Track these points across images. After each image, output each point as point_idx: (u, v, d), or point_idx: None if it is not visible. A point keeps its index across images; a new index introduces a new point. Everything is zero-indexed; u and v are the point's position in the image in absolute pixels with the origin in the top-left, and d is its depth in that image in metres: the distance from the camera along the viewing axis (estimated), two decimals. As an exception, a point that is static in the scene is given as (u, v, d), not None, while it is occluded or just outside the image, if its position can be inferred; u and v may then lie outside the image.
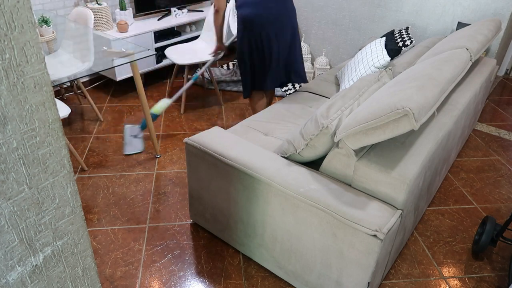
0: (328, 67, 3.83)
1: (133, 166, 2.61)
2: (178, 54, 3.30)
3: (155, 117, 2.73)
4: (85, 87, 3.61)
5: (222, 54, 2.83)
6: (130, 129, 2.73)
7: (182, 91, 2.83)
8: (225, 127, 3.11)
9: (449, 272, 1.94)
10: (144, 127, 2.73)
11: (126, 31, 3.35)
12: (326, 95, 2.69)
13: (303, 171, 1.64)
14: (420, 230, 2.18)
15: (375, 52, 2.56)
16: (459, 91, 2.22)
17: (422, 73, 1.65)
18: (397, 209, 1.50)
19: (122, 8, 3.44)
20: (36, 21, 2.56)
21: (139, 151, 2.82)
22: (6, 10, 0.66)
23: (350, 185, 1.60)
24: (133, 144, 2.81)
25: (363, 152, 1.58)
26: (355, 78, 2.56)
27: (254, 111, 2.79)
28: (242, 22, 2.46)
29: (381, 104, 1.41)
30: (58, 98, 2.85)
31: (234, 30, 3.91)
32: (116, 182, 2.46)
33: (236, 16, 2.51)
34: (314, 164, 1.75)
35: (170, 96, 3.27)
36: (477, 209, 2.36)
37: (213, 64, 3.57)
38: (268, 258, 1.81)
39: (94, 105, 3.07)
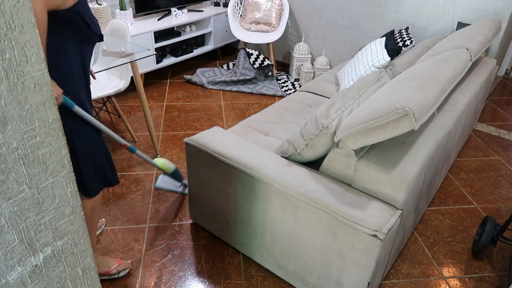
0: (328, 67, 3.83)
1: (133, 166, 2.61)
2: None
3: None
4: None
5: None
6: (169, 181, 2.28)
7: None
8: (225, 127, 3.11)
9: (449, 272, 1.94)
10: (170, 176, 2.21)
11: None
12: (326, 95, 2.69)
13: (303, 171, 1.64)
14: (420, 230, 2.18)
15: (375, 52, 2.56)
16: (459, 91, 2.22)
17: (422, 73, 1.65)
18: (397, 209, 1.50)
19: (122, 8, 3.44)
20: (36, 21, 2.56)
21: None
22: (6, 10, 0.66)
23: (350, 185, 1.60)
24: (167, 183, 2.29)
25: (363, 152, 1.58)
26: (355, 78, 2.56)
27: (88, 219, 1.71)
28: None
29: (381, 104, 1.41)
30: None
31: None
32: (116, 182, 2.46)
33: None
34: (314, 164, 1.75)
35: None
36: (477, 209, 2.36)
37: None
38: (268, 258, 1.81)
39: (129, 127, 2.89)
